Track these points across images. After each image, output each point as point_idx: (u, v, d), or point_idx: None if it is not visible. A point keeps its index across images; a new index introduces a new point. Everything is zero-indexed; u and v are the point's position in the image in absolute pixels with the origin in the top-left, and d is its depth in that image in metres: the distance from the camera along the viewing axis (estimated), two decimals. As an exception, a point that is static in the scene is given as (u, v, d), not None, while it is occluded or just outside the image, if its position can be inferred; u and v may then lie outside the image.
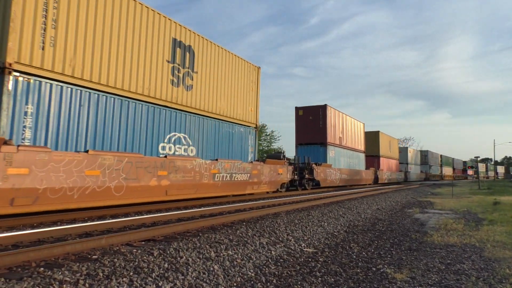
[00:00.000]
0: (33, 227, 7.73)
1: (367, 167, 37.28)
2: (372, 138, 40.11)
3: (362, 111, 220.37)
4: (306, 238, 8.29)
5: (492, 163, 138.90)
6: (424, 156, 66.27)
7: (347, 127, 33.78)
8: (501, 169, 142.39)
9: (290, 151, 74.77)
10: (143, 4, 11.71)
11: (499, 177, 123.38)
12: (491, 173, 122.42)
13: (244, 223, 8.96)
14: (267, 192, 18.82)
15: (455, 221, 11.69)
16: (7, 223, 7.86)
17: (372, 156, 39.85)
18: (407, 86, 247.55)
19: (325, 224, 10.17)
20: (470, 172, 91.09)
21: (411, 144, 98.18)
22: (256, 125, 17.77)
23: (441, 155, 77.30)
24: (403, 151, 54.42)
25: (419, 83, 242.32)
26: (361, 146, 36.93)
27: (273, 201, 14.43)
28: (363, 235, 9.33)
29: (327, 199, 16.32)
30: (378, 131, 40.57)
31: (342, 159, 31.85)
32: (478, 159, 46.38)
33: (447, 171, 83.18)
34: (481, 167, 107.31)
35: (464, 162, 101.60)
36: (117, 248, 6.03)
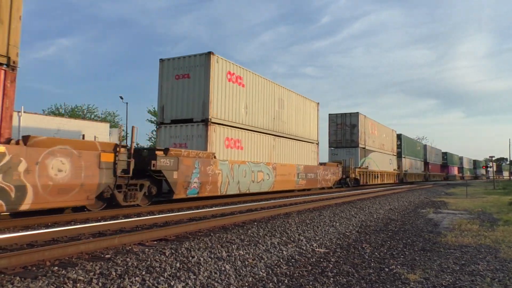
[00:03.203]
0: (47, 227, 7.85)
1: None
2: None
3: (374, 110, 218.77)
4: (317, 238, 8.26)
5: (508, 162, 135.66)
6: (359, 134, 32.38)
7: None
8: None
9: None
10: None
11: (490, 177, 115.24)
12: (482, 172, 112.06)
13: (255, 223, 8.96)
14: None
15: (469, 221, 11.51)
16: (22, 222, 8.00)
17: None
18: (420, 85, 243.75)
19: (337, 224, 10.12)
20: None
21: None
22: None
23: (400, 135, 45.45)
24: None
25: (432, 82, 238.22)
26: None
27: (284, 201, 14.40)
28: (375, 235, 9.25)
29: (338, 199, 16.23)
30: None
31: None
32: (494, 158, 45.60)
33: (412, 164, 49.61)
34: (466, 164, 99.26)
35: (445, 153, 74.87)
36: (130, 247, 6.08)
